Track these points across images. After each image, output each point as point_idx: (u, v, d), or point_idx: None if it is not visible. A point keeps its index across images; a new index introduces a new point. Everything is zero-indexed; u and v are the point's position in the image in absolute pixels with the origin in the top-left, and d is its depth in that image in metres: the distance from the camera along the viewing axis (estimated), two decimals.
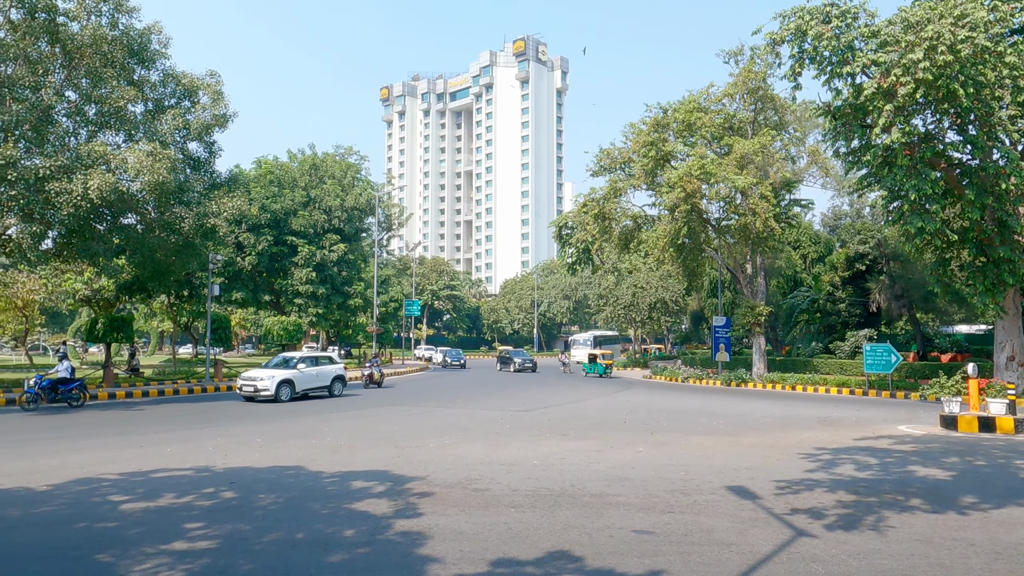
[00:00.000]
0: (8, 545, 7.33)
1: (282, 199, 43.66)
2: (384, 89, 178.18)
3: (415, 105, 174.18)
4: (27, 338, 52.90)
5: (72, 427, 17.33)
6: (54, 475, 10.82)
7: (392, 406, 23.48)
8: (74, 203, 21.82)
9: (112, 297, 34.87)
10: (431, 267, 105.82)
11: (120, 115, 25.02)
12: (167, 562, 6.68)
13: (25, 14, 23.16)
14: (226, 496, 9.48)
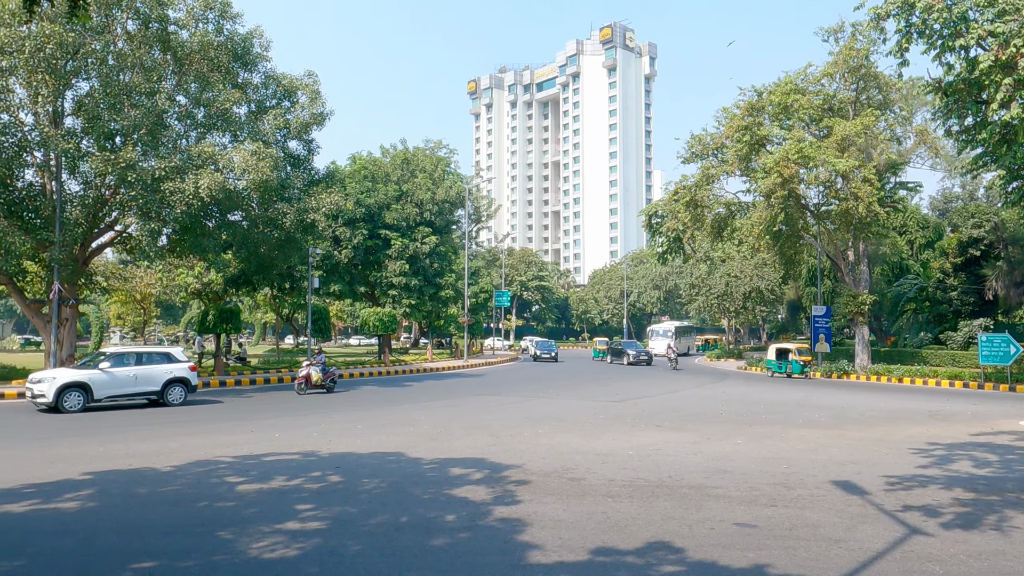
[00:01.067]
0: (139, 520, 7.89)
1: (376, 194, 44.84)
2: (471, 82, 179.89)
3: (502, 97, 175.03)
4: (145, 329, 56.49)
5: (189, 412, 18.42)
6: (176, 457, 11.55)
7: (483, 396, 23.80)
8: (186, 201, 23.09)
9: (220, 290, 36.76)
10: (519, 258, 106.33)
11: (226, 117, 26.27)
12: (281, 540, 7.04)
13: (140, 25, 24.61)
14: (332, 480, 9.88)
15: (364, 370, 34.66)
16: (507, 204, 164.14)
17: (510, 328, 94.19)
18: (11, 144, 23.04)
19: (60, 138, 22.45)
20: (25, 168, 24.57)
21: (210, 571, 6.19)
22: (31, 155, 24.26)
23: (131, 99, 23.78)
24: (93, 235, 26.64)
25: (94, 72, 23.66)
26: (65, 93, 23.96)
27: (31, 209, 24.46)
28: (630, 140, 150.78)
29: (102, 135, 23.39)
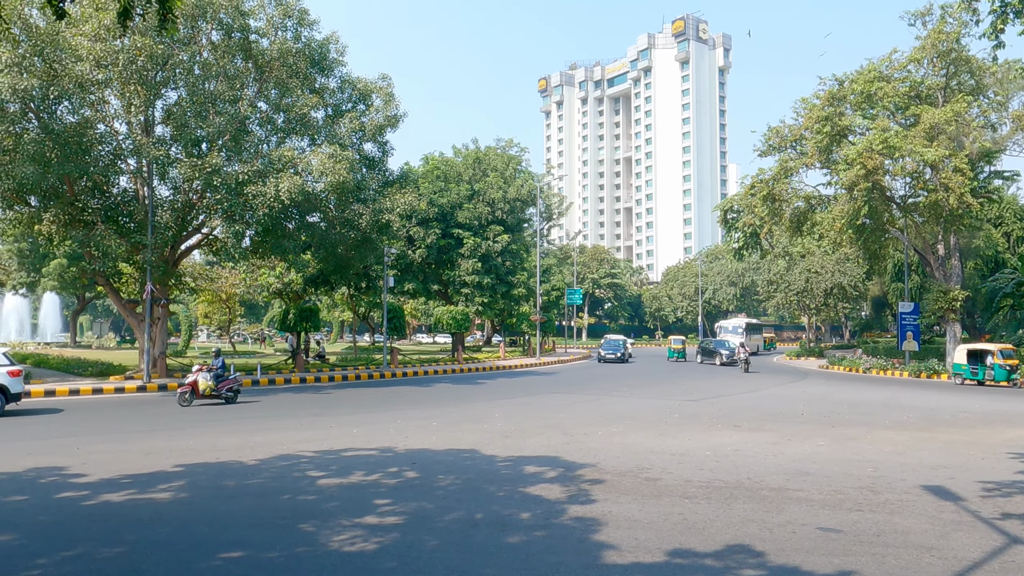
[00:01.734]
0: (227, 512, 8.22)
1: (448, 193, 45.40)
2: (542, 80, 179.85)
3: (573, 94, 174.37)
4: (230, 327, 58.80)
5: (272, 408, 19.08)
6: (260, 451, 11.97)
7: (555, 394, 23.77)
8: (268, 204, 23.92)
9: (300, 289, 37.91)
10: (591, 255, 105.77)
11: (304, 121, 27.07)
12: (361, 534, 7.20)
13: (223, 35, 25.61)
14: (409, 476, 10.05)
15: (438, 368, 35.14)
16: (578, 201, 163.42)
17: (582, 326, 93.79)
18: (107, 152, 24.34)
19: (151, 146, 23.56)
20: (120, 175, 25.93)
21: (294, 562, 6.39)
22: (125, 163, 25.57)
23: (216, 107, 24.76)
24: (182, 238, 27.89)
25: (181, 82, 24.75)
26: (155, 103, 25.14)
27: (126, 214, 25.77)
28: (704, 134, 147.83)
29: (189, 142, 24.45)
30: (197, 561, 6.43)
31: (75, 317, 70.91)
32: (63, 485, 9.48)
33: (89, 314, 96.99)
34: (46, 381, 24.43)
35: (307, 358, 33.56)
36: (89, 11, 22.22)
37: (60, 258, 50.47)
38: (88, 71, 21.79)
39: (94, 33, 22.13)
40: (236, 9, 25.04)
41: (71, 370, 28.82)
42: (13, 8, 20.51)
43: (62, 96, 22.36)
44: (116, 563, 6.39)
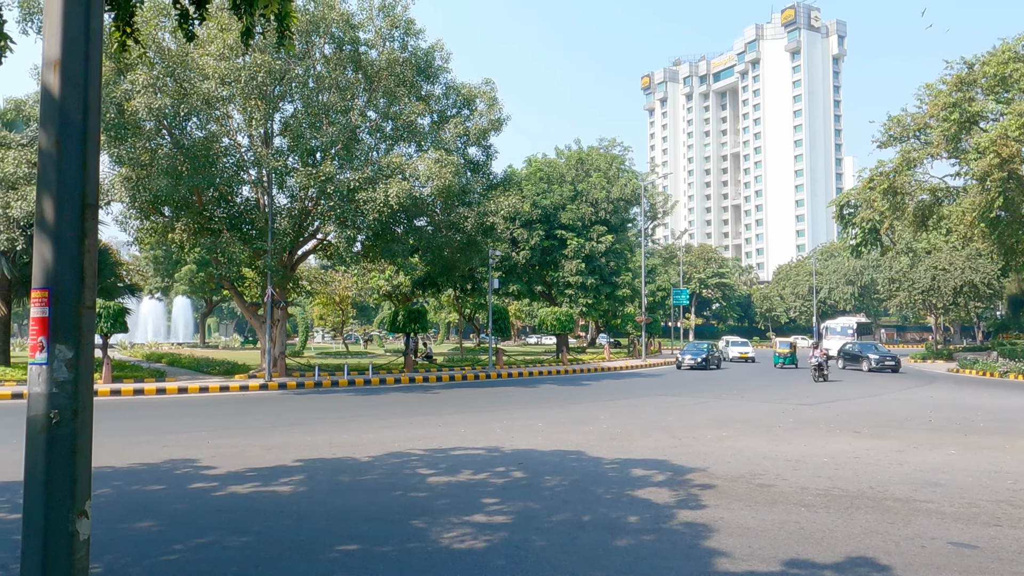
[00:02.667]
0: (343, 506, 8.55)
1: (551, 195, 45.51)
2: (645, 78, 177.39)
3: (677, 90, 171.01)
4: (343, 328, 61.21)
5: (383, 407, 19.72)
6: (373, 448, 12.39)
7: (662, 396, 23.36)
8: (378, 210, 24.76)
9: (408, 292, 39.00)
10: (698, 255, 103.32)
11: (411, 128, 27.85)
12: (470, 532, 7.32)
13: (335, 48, 26.72)
14: (516, 476, 10.13)
15: (542, 368, 35.27)
16: (684, 200, 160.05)
17: (689, 327, 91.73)
18: (231, 164, 25.91)
19: (270, 157, 24.88)
20: (242, 185, 27.54)
21: (406, 557, 6.57)
22: (247, 173, 27.12)
23: (329, 117, 25.85)
24: (299, 243, 29.29)
25: (297, 95, 26.02)
26: (274, 116, 26.54)
27: (248, 222, 27.32)
28: (817, 126, 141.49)
29: (305, 152, 25.66)
30: (316, 553, 6.72)
31: (204, 319, 75.78)
32: (195, 476, 10.14)
33: (216, 316, 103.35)
34: (179, 379, 26.24)
35: (415, 358, 34.48)
36: (215, 32, 23.70)
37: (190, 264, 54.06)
38: (214, 88, 23.25)
39: (219, 53, 23.60)
40: (347, 23, 26.07)
41: (201, 369, 30.80)
42: (149, 33, 22.18)
43: (191, 113, 23.98)
44: (243, 551, 6.77)
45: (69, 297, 2.90)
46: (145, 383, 24.30)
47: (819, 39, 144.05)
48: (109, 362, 24.99)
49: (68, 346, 2.90)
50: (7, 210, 23.61)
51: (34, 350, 2.93)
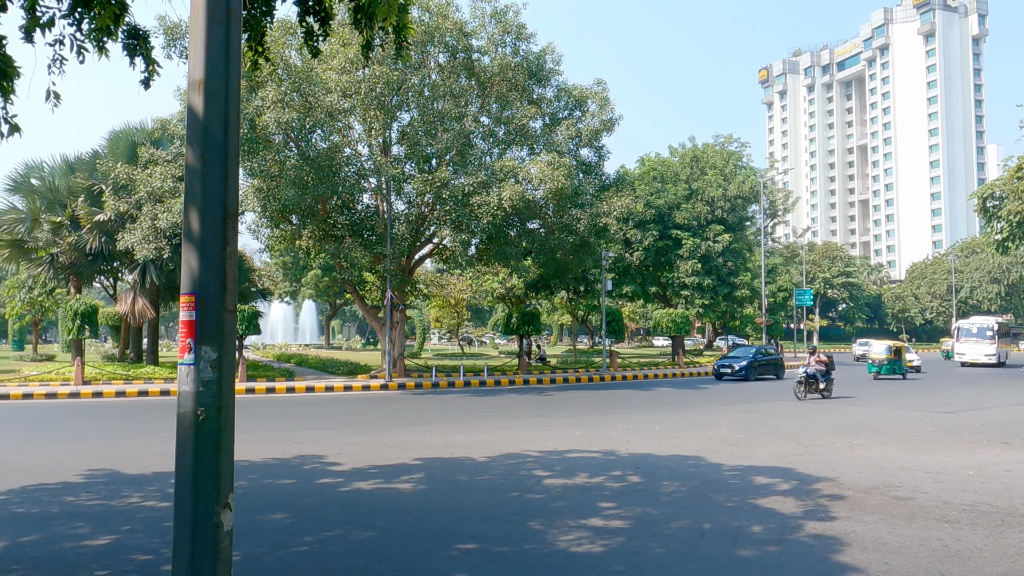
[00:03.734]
0: (461, 505, 8.71)
1: (665, 194, 44.66)
2: (763, 70, 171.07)
3: (797, 82, 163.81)
4: (459, 330, 62.53)
5: (498, 408, 19.96)
6: (489, 449, 12.56)
7: (785, 401, 22.38)
8: (491, 213, 25.12)
9: (522, 294, 39.33)
10: (822, 253, 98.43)
11: (523, 132, 28.10)
12: (587, 536, 7.27)
13: (449, 57, 27.36)
14: (632, 480, 9.99)
15: (658, 371, 34.64)
16: (806, 196, 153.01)
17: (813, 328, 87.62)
18: (352, 173, 27.04)
19: (389, 165, 25.77)
20: (363, 193, 28.66)
21: (524, 559, 6.60)
22: (367, 181, 28.20)
23: (443, 124, 26.49)
24: (416, 248, 30.17)
25: (413, 104, 26.83)
26: (392, 125, 27.47)
27: (368, 228, 28.40)
28: (955, 113, 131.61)
29: (421, 159, 26.41)
30: (436, 550, 6.87)
31: (328, 321, 79.43)
32: (322, 472, 10.62)
33: (340, 319, 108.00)
34: (307, 378, 27.62)
35: (529, 360, 34.72)
36: (337, 47, 24.81)
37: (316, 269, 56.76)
38: (336, 101, 24.34)
39: (341, 67, 24.68)
40: (460, 31, 26.62)
41: (326, 369, 32.28)
42: (278, 52, 23.51)
43: (316, 125, 25.20)
44: (367, 546, 7.02)
45: (213, 301, 3.12)
46: (276, 382, 25.74)
47: (956, 19, 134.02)
48: (244, 362, 26.64)
49: (212, 347, 3.12)
50: (155, 221, 25.62)
51: (183, 351, 3.17)
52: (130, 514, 8.20)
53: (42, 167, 33.93)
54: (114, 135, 32.75)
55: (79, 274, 33.50)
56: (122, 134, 32.50)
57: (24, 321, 49.19)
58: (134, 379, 26.24)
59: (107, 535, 7.34)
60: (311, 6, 7.08)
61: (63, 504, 8.66)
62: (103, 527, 7.62)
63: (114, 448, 12.85)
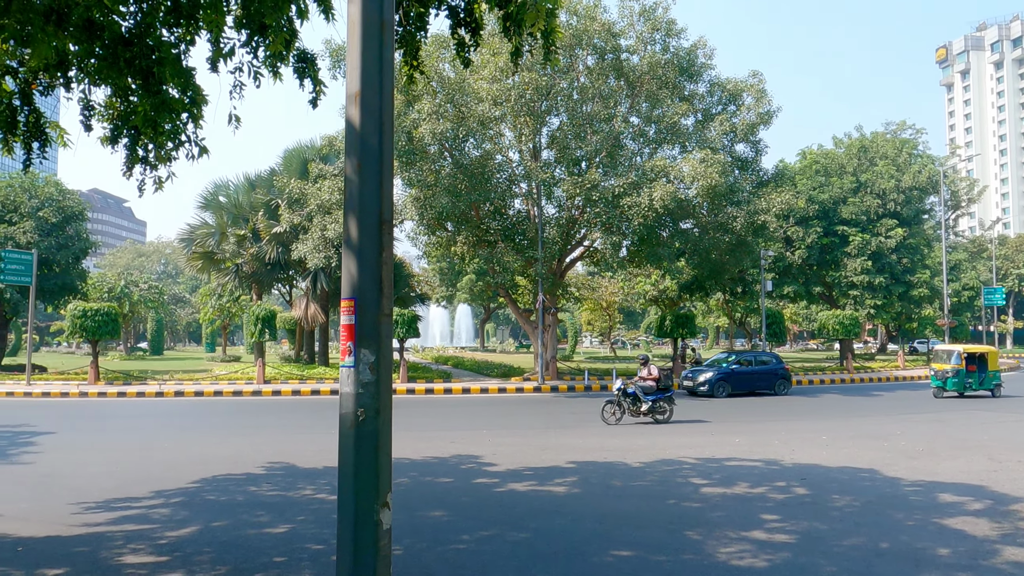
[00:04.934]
0: (615, 510, 8.58)
1: (829, 188, 42.00)
2: (940, 49, 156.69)
3: (981, 59, 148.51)
4: (610, 333, 62.11)
5: None
6: (643, 454, 12.32)
7: (973, 410, 20.26)
8: (642, 214, 24.72)
9: (675, 296, 38.37)
10: (1016, 247, 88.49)
11: (675, 130, 27.43)
12: (749, 549, 6.92)
13: (597, 59, 27.25)
14: (798, 492, 9.42)
15: (824, 377, 32.59)
16: (995, 184, 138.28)
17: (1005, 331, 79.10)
18: (504, 179, 27.59)
19: (539, 169, 26.05)
20: (514, 198, 29.16)
21: (680, 569, 6.39)
22: (518, 186, 28.67)
23: (592, 127, 26.41)
24: (567, 251, 30.27)
25: (562, 108, 26.95)
26: (541, 130, 27.75)
27: (520, 232, 28.85)
28: None
29: (570, 162, 26.47)
30: (590, 555, 6.81)
31: (483, 325, 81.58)
32: (478, 472, 10.87)
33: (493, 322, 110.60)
34: (463, 380, 28.48)
35: (684, 364, 33.79)
36: (487, 57, 25.43)
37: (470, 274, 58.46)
38: (487, 110, 24.95)
39: (491, 76, 25.27)
40: (608, 32, 26.45)
41: (481, 371, 33.13)
42: (432, 65, 24.46)
43: (468, 134, 25.96)
44: (522, 546, 7.08)
45: (371, 306, 3.26)
46: (434, 383, 26.75)
47: None
48: (405, 364, 27.91)
49: (371, 350, 3.26)
50: (324, 232, 27.45)
51: (343, 354, 3.33)
52: (304, 505, 8.78)
53: (227, 185, 37.44)
54: (288, 153, 35.51)
55: (259, 282, 36.58)
56: (294, 152, 35.17)
57: (215, 325, 54.39)
58: (307, 379, 28.23)
59: (284, 524, 7.89)
60: (462, 18, 7.27)
61: (247, 494, 9.43)
62: (280, 517, 8.21)
63: (290, 443, 13.86)
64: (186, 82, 6.64)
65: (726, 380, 24.86)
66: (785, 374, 26.04)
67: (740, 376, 25.31)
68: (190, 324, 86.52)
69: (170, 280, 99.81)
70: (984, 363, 23.47)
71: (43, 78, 7.12)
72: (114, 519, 8.13)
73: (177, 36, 6.58)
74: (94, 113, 7.12)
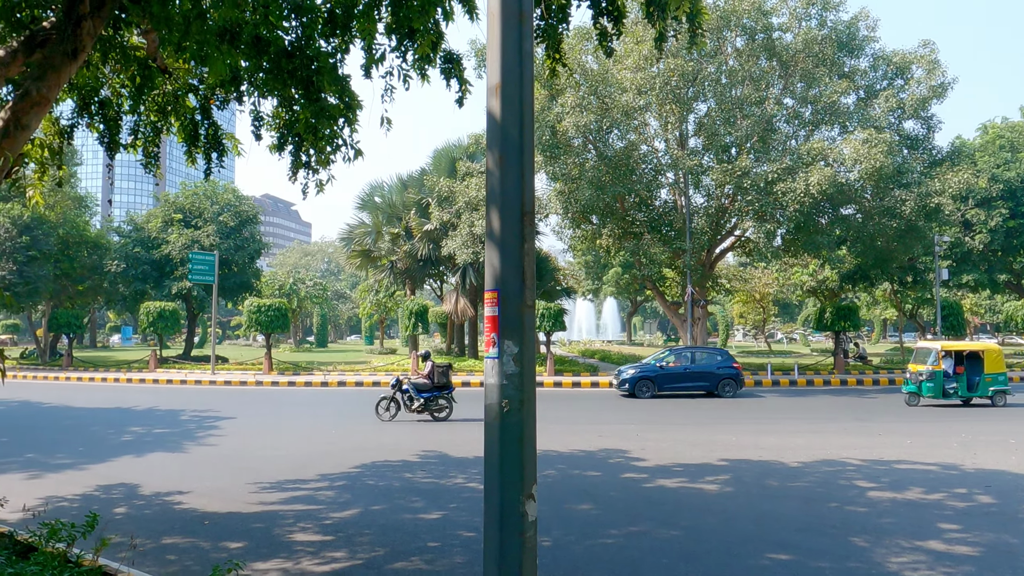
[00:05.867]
0: (771, 511, 8.19)
1: (1017, 165, 37.82)
2: None
3: None
4: (764, 326, 59.45)
5: (810, 410, 18.52)
6: (802, 453, 11.68)
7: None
8: (798, 200, 23.41)
9: (836, 287, 36.10)
10: None
11: (833, 110, 25.75)
12: (924, 560, 6.38)
13: (747, 40, 26.08)
14: (981, 500, 8.56)
15: (1012, 374, 29.43)
16: None
17: None
18: (649, 170, 27.08)
19: (686, 158, 25.34)
20: (660, 188, 28.56)
21: None
22: (664, 176, 28.05)
23: (742, 111, 25.33)
24: (716, 241, 29.26)
25: (710, 93, 26.03)
26: (688, 117, 26.97)
27: (667, 223, 28.22)
28: None
29: (719, 149, 25.53)
30: (745, 556, 6.54)
31: (629, 318, 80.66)
32: (626, 467, 10.75)
33: (640, 315, 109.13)
34: (609, 373, 28.31)
35: (847, 359, 31.72)
36: (630, 46, 25.04)
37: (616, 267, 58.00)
38: (631, 99, 24.56)
39: (635, 65, 24.86)
40: (758, 10, 25.24)
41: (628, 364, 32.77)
42: (574, 58, 24.43)
43: (612, 126, 25.70)
44: (672, 544, 6.91)
45: (513, 297, 3.29)
46: (581, 376, 26.77)
47: None
48: (551, 357, 28.11)
49: (514, 342, 3.29)
50: (472, 228, 28.19)
51: (487, 346, 3.38)
52: (456, 493, 9.07)
53: (382, 186, 39.39)
54: (437, 153, 36.78)
55: (412, 278, 38.22)
56: (443, 151, 36.36)
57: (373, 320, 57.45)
58: (457, 371, 29.13)
59: (437, 511, 8.19)
60: (604, 7, 7.18)
61: (403, 480, 9.87)
62: (434, 503, 8.53)
63: (442, 433, 14.36)
64: (342, 89, 7.02)
65: (650, 380, 22.02)
66: (733, 374, 22.16)
67: (670, 375, 22.18)
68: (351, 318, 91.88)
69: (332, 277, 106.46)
70: (978, 364, 19.33)
71: (219, 93, 7.80)
72: (285, 499, 8.78)
73: (333, 46, 6.96)
74: (263, 123, 7.71)
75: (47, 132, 7.74)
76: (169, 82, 7.71)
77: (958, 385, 19.02)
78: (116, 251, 38.38)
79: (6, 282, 32.60)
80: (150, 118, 8.03)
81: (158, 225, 38.83)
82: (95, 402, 21.09)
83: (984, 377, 19.01)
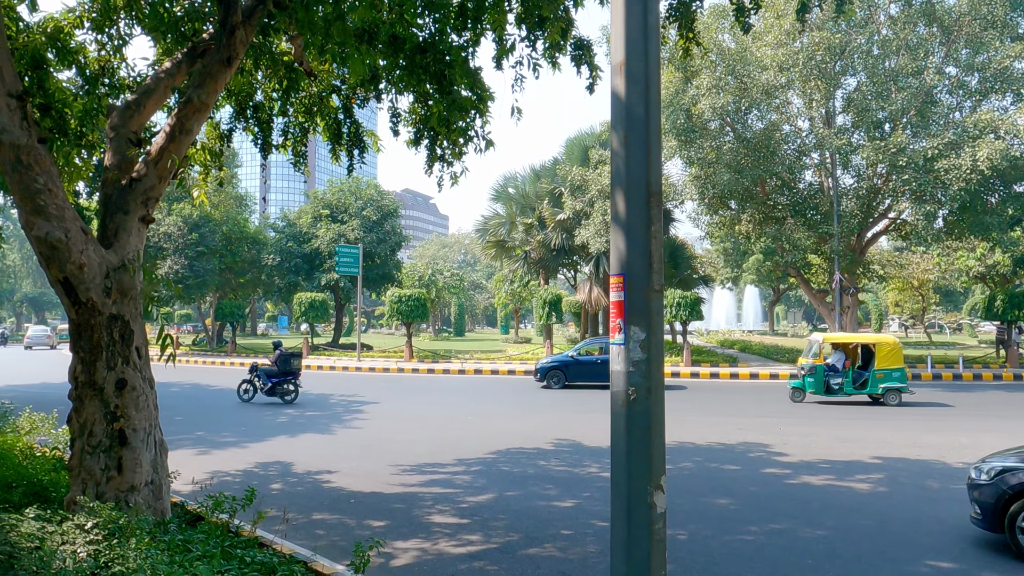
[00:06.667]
0: (931, 514, 7.56)
1: None
2: None
3: None
4: (924, 316, 55.10)
5: (977, 407, 16.99)
6: (966, 454, 10.71)
7: None
8: (963, 178, 21.43)
9: (1008, 272, 32.86)
10: None
11: (1005, 76, 23.32)
12: None
13: (903, 6, 24.11)
14: None
15: None
16: None
17: None
18: (792, 151, 25.70)
19: (833, 136, 23.82)
20: (804, 170, 27.04)
21: None
22: (809, 157, 26.53)
23: (897, 83, 23.49)
24: (867, 225, 27.37)
25: (860, 66, 24.30)
26: (835, 93, 25.32)
27: (811, 207, 26.71)
28: None
29: (871, 125, 23.80)
30: (901, 562, 6.09)
31: (772, 307, 77.21)
32: (768, 462, 10.29)
33: (783, 304, 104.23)
34: (750, 365, 27.23)
35: (1020, 351, 28.74)
36: (771, 21, 23.82)
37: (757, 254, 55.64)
38: (772, 78, 23.37)
39: (775, 41, 23.63)
40: None
41: (770, 356, 31.37)
42: (710, 38, 23.55)
43: (751, 106, 24.60)
44: (817, 545, 6.55)
45: (640, 281, 3.20)
46: (719, 367, 25.92)
47: None
48: (688, 347, 27.41)
49: (641, 328, 3.19)
50: (604, 216, 27.93)
51: (613, 332, 3.31)
52: (589, 482, 9.05)
53: (515, 177, 39.84)
54: (569, 142, 36.72)
55: (546, 267, 38.45)
56: (575, 140, 36.25)
57: (508, 309, 58.37)
58: None
59: (571, 499, 8.20)
60: None
61: (537, 467, 9.96)
62: (567, 491, 8.55)
63: (576, 421, 14.37)
64: (473, 81, 7.12)
65: (560, 370, 21.74)
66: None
67: (581, 366, 21.79)
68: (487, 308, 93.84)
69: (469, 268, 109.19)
70: (871, 358, 17.24)
71: (360, 92, 8.15)
72: (424, 481, 9.11)
73: (465, 39, 7.08)
74: (400, 119, 7.98)
75: (209, 136, 8.39)
76: (314, 84, 8.14)
77: (843, 381, 17.35)
78: (272, 246, 41.25)
79: (178, 276, 35.85)
80: (298, 119, 8.52)
81: (308, 220, 41.35)
82: None
83: (874, 372, 17.05)
